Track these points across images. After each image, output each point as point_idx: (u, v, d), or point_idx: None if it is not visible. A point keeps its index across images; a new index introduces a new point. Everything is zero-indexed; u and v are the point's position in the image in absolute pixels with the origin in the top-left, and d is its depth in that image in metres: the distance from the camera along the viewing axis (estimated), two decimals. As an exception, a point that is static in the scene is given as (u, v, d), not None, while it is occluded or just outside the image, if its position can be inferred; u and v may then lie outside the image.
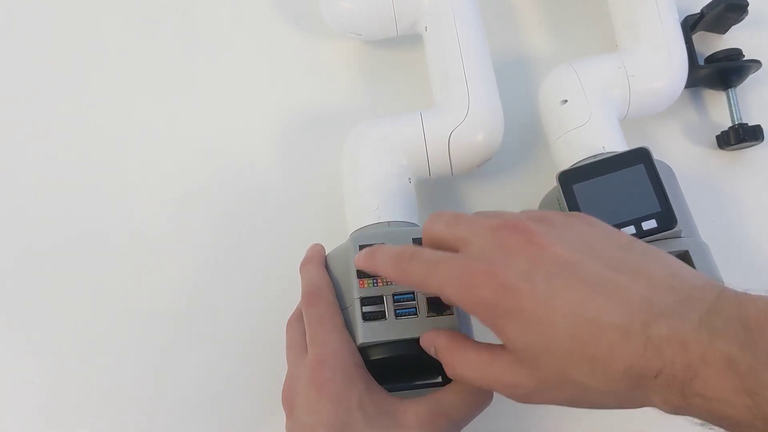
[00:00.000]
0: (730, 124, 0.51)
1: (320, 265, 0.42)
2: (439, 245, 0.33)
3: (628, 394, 0.28)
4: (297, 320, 0.42)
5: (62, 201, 0.51)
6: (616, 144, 0.43)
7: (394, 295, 0.37)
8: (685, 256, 0.39)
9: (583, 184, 0.40)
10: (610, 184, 0.40)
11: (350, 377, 0.36)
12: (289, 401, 0.38)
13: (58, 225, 0.51)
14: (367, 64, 0.55)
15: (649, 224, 0.38)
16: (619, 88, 0.45)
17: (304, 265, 0.43)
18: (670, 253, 0.33)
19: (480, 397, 0.36)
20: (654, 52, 0.47)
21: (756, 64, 0.50)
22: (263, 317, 0.47)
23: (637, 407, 0.29)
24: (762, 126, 0.50)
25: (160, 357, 0.47)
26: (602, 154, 0.42)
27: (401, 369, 0.38)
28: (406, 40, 0.52)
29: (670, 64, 0.47)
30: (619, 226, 0.38)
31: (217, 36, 0.56)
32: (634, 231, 0.38)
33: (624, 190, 0.39)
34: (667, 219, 0.38)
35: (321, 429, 0.34)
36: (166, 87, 0.55)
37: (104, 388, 0.47)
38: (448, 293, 0.31)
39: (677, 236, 0.39)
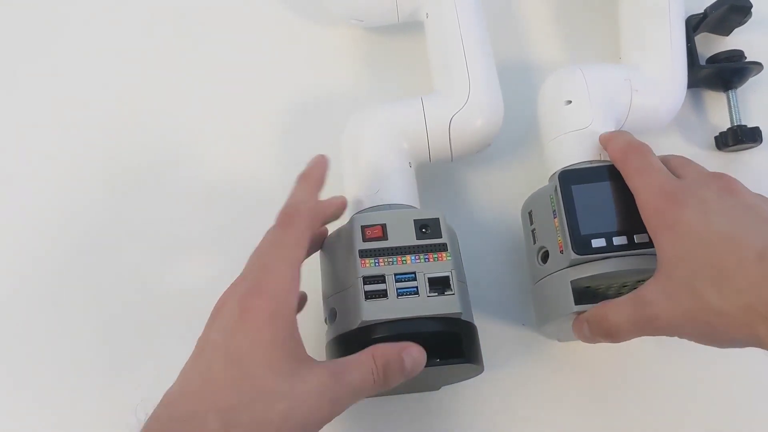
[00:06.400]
0: (729, 126, 0.51)
1: (316, 185, 0.39)
2: (666, 162, 0.40)
3: (739, 319, 0.32)
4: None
5: (62, 202, 0.51)
6: None
7: (395, 275, 0.37)
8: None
9: (583, 187, 0.40)
10: (609, 192, 0.40)
11: (278, 315, 0.34)
12: (218, 307, 0.36)
13: (60, 226, 0.50)
14: (368, 51, 0.55)
15: (642, 238, 0.38)
16: (621, 100, 0.45)
17: (301, 179, 0.40)
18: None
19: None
20: (661, 72, 0.46)
21: (757, 66, 0.50)
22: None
23: (741, 345, 0.34)
24: (761, 128, 0.50)
25: (160, 357, 0.46)
26: (598, 161, 0.42)
27: None
28: (407, 27, 0.52)
29: (674, 88, 0.47)
30: (612, 234, 0.38)
31: (218, 23, 0.56)
32: (625, 242, 0.38)
33: (622, 200, 0.39)
34: None
35: (221, 355, 0.33)
36: (167, 77, 0.54)
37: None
38: (643, 194, 0.37)
39: None
